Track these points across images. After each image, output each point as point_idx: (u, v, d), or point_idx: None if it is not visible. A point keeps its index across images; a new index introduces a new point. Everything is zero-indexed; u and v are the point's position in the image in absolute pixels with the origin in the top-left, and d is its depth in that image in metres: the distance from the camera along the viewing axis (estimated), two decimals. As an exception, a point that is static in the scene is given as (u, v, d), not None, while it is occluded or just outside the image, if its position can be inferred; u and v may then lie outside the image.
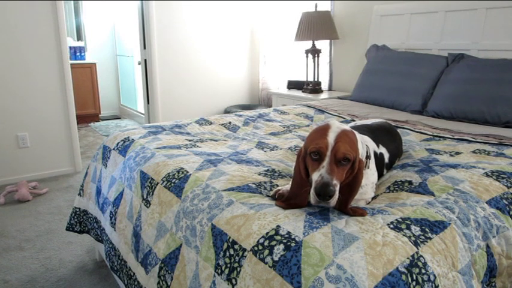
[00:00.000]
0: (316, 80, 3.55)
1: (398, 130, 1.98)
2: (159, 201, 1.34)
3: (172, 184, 1.32)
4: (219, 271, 0.99)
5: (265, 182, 1.27)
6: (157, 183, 1.38)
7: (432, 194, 1.16)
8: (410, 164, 1.44)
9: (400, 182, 1.28)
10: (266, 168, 1.40)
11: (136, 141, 1.76)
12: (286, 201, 1.09)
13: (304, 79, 3.74)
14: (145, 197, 1.42)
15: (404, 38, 2.91)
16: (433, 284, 0.86)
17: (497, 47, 2.38)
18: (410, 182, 1.26)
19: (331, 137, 1.02)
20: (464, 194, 1.16)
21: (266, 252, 0.91)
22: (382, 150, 1.36)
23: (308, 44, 3.53)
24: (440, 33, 2.68)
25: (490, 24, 2.41)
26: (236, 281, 0.94)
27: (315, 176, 1.00)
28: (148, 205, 1.39)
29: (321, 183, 0.97)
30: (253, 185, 1.23)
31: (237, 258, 0.96)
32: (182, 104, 4.23)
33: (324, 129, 1.05)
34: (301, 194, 1.06)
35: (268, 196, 1.17)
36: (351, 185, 1.04)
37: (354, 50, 3.43)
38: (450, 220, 1.02)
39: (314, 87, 3.49)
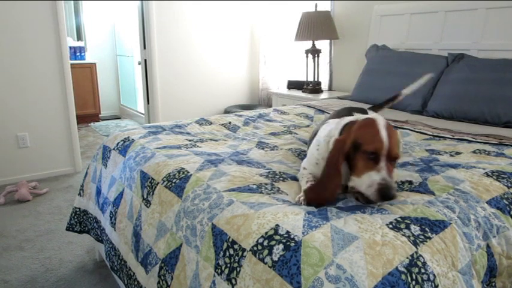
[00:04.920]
0: (316, 80, 3.55)
1: (399, 130, 1.99)
2: (160, 201, 1.34)
3: (173, 184, 1.32)
4: (219, 271, 0.99)
5: (266, 184, 1.27)
6: (158, 183, 1.38)
7: (432, 194, 1.16)
8: (411, 163, 1.44)
9: (400, 183, 1.28)
10: (267, 170, 1.40)
11: (136, 141, 1.76)
12: (311, 192, 1.10)
13: (304, 79, 3.74)
14: (145, 196, 1.42)
15: (404, 38, 2.91)
16: (433, 284, 0.86)
17: (497, 47, 2.37)
18: (410, 182, 1.26)
19: (384, 136, 1.05)
20: (465, 194, 1.16)
21: (265, 252, 0.91)
22: None
23: (308, 44, 3.53)
24: (440, 33, 2.68)
25: (490, 24, 2.41)
26: (236, 281, 0.94)
27: (374, 175, 1.04)
28: (148, 205, 1.39)
29: (386, 186, 1.01)
30: (254, 186, 1.23)
31: (236, 258, 0.96)
32: (182, 104, 4.23)
33: (374, 126, 1.08)
34: (332, 188, 1.09)
35: (268, 194, 1.17)
36: None
37: (354, 50, 3.43)
38: (451, 220, 1.02)
39: (314, 87, 3.49)
